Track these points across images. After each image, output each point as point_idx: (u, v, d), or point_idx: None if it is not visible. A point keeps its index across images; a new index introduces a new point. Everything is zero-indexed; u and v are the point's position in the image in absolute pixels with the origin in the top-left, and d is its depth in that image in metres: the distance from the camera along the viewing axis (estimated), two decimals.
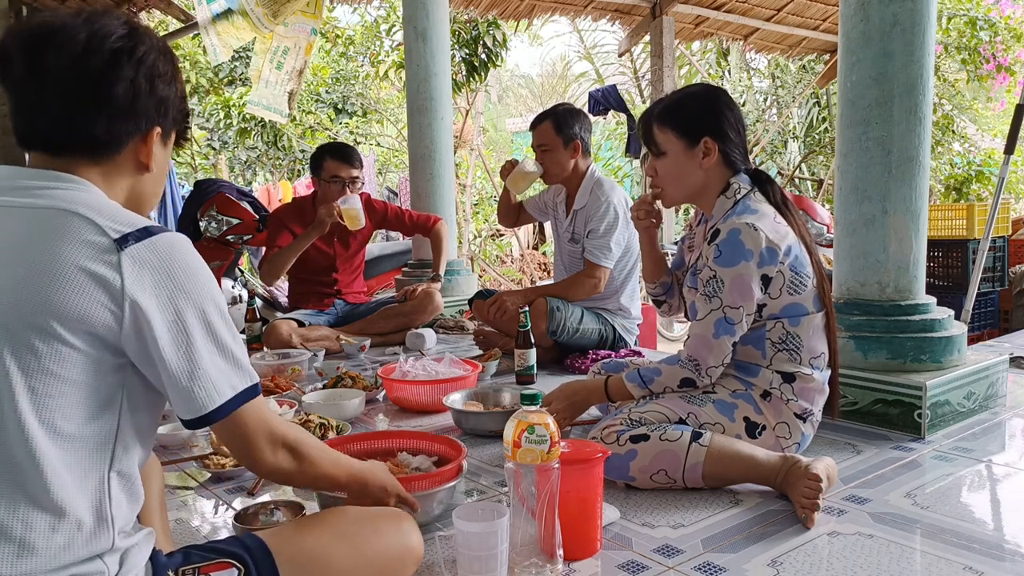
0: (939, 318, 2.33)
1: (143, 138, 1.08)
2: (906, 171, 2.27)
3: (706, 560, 1.46)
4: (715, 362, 1.83)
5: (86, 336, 0.93)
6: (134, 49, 1.04)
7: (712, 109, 1.93)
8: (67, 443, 0.92)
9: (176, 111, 1.13)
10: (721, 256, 1.81)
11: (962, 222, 4.73)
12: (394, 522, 1.23)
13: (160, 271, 0.96)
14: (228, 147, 11.08)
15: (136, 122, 1.06)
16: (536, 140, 3.20)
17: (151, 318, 0.94)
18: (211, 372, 0.99)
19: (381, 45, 10.18)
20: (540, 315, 3.03)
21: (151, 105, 1.07)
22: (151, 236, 0.96)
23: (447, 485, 1.62)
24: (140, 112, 1.06)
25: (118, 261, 0.93)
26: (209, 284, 1.01)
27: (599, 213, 3.09)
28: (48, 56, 1.00)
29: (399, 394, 2.60)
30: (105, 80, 1.02)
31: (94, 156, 1.04)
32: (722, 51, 10.83)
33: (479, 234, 10.31)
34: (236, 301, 4.45)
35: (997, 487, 1.85)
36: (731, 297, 1.80)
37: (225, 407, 1.01)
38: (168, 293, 0.96)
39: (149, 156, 1.09)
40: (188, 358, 0.97)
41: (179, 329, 0.96)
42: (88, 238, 0.94)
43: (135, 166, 1.09)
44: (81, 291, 0.91)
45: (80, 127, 1.02)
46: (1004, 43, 8.13)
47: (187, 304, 0.97)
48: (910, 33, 2.24)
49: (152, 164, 1.10)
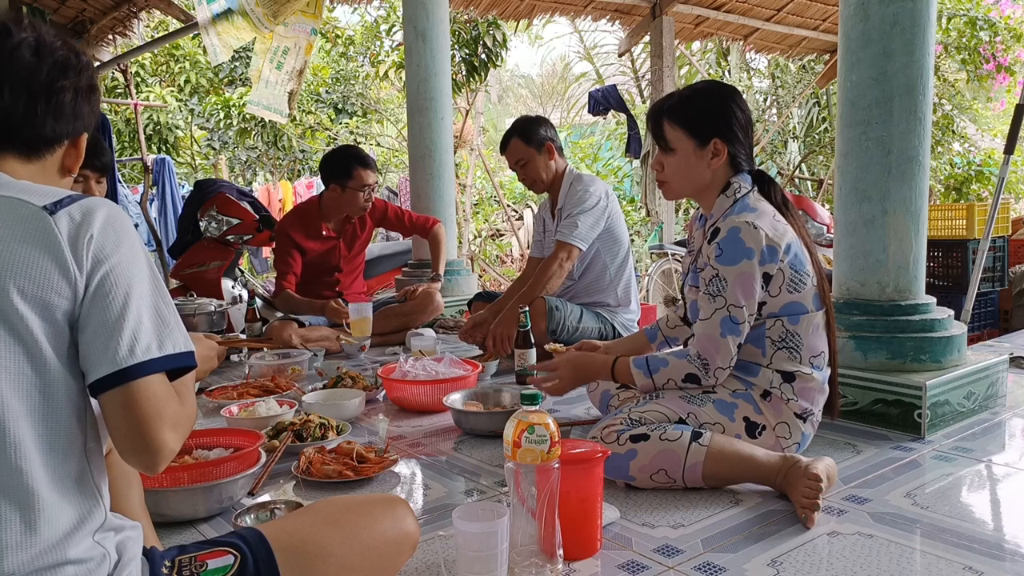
0: (939, 318, 2.33)
1: (74, 142, 1.11)
2: (906, 171, 2.27)
3: (706, 560, 1.46)
4: (723, 363, 1.83)
5: (42, 310, 0.91)
6: (78, 60, 1.09)
7: (723, 110, 1.93)
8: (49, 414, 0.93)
9: (92, 116, 1.15)
10: (723, 255, 1.81)
11: (962, 222, 4.72)
12: (389, 508, 1.23)
13: (95, 227, 0.95)
14: (228, 147, 11.09)
15: (73, 125, 1.09)
16: (511, 159, 3.27)
17: (93, 270, 0.94)
18: (144, 323, 0.95)
19: (381, 45, 10.18)
20: (540, 315, 3.03)
21: (86, 112, 1.11)
22: (77, 201, 0.98)
23: (250, 471, 1.74)
24: (79, 117, 1.10)
25: (54, 224, 0.93)
26: (140, 246, 1.00)
27: (576, 199, 3.14)
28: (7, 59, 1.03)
29: (399, 394, 2.60)
30: (55, 83, 1.05)
31: (27, 154, 1.06)
32: (722, 51, 10.83)
33: (479, 234, 10.32)
34: (236, 301, 4.45)
35: (997, 487, 1.85)
36: (734, 295, 1.80)
37: (154, 363, 0.95)
38: (105, 247, 0.95)
39: (76, 161, 1.13)
40: (124, 303, 0.94)
41: (116, 279, 0.95)
42: (20, 213, 0.94)
43: (60, 169, 1.12)
44: (30, 259, 0.92)
45: (23, 123, 1.05)
46: (1004, 43, 8.13)
47: (125, 258, 0.96)
48: (910, 33, 2.24)
49: (75, 168, 1.13)
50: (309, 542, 1.11)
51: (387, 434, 2.09)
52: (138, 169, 9.42)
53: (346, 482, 1.87)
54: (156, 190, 8.10)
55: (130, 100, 7.58)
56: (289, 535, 1.10)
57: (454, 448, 2.20)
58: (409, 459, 2.11)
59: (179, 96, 10.73)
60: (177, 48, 10.83)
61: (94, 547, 0.93)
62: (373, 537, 1.18)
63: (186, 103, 10.86)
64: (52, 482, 0.91)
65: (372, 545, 1.17)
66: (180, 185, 8.79)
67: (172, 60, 10.97)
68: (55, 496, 0.91)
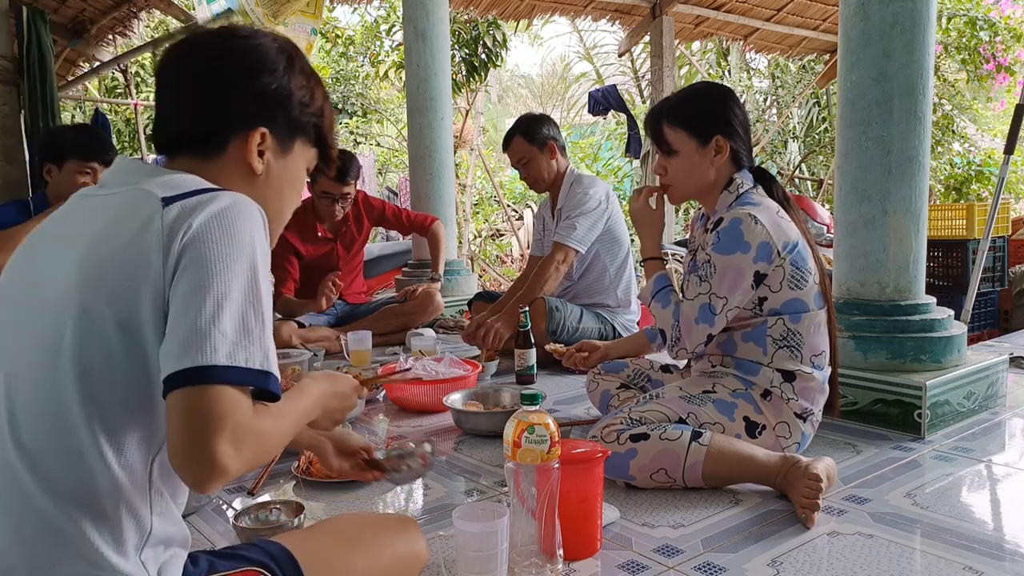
0: (939, 318, 2.33)
1: (245, 138, 1.07)
2: (906, 171, 2.27)
3: (706, 560, 1.46)
4: (689, 346, 1.86)
5: (128, 304, 0.89)
6: (231, 46, 1.08)
7: (722, 107, 1.93)
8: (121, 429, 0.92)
9: (294, 116, 1.12)
10: (719, 243, 1.81)
11: (962, 222, 4.72)
12: (403, 530, 1.24)
13: (200, 218, 0.91)
14: None
15: (230, 119, 1.07)
16: (513, 157, 3.27)
17: (179, 262, 0.89)
18: (220, 325, 0.87)
19: (381, 45, 10.18)
20: (540, 315, 3.03)
21: (246, 102, 1.07)
22: (200, 194, 0.94)
23: None
24: (232, 109, 1.07)
25: (161, 215, 0.91)
26: (251, 249, 0.93)
27: (576, 200, 3.14)
28: (168, 63, 1.09)
29: (399, 394, 2.60)
30: (200, 77, 1.06)
31: (200, 155, 1.07)
32: (722, 51, 10.83)
33: (479, 234, 10.32)
34: None
35: (997, 487, 1.85)
36: (718, 285, 1.80)
37: (223, 371, 0.86)
38: (199, 238, 0.90)
39: (252, 157, 1.08)
40: (202, 299, 0.87)
41: (200, 273, 0.89)
42: (141, 203, 0.94)
43: (242, 169, 1.08)
44: (136, 242, 0.91)
45: (175, 124, 1.07)
46: (1004, 43, 8.13)
47: (220, 254, 0.90)
48: (910, 33, 2.24)
49: (257, 166, 1.09)
50: (333, 562, 1.11)
51: (387, 434, 2.09)
52: None
53: (346, 482, 1.87)
54: None
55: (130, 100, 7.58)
56: (314, 555, 1.09)
57: (454, 448, 2.20)
58: None
59: None
60: None
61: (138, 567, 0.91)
62: (392, 558, 1.18)
63: None
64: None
65: (389, 565, 1.18)
66: None
67: None
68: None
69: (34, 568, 0.87)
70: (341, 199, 3.59)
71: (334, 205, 3.59)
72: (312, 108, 1.14)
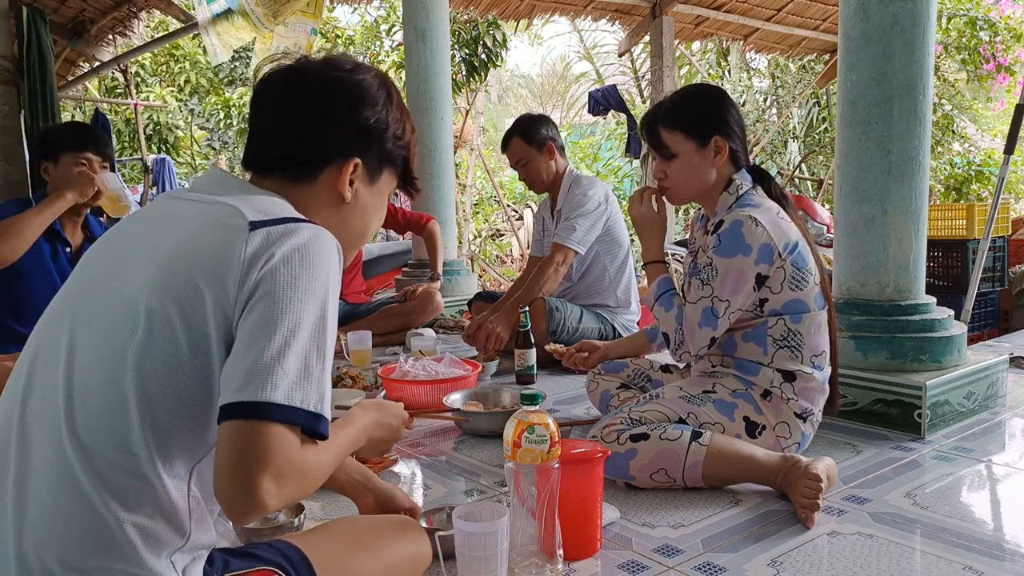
0: (939, 318, 2.33)
1: (339, 167, 1.11)
2: (906, 171, 2.27)
3: (706, 560, 1.46)
4: (693, 349, 1.85)
5: (190, 317, 0.91)
6: (336, 78, 1.11)
7: (718, 107, 1.93)
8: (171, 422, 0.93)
9: (387, 148, 1.15)
10: (720, 246, 1.81)
11: (962, 222, 4.72)
12: (407, 531, 1.25)
13: (282, 249, 0.93)
14: (228, 147, 11.09)
15: (326, 149, 1.10)
16: (512, 158, 3.28)
17: (255, 291, 0.91)
18: (283, 363, 0.88)
19: (381, 45, 10.17)
20: (540, 315, 3.03)
21: (345, 133, 1.11)
22: (286, 223, 0.96)
23: None
24: (331, 139, 1.10)
25: (247, 239, 0.93)
26: (327, 287, 0.95)
27: (575, 202, 3.14)
28: (272, 86, 1.13)
29: (399, 394, 2.59)
30: (296, 103, 1.09)
31: (291, 179, 1.09)
32: (722, 51, 10.83)
33: (479, 234, 10.32)
34: None
35: (997, 487, 1.85)
36: (721, 288, 1.80)
37: (279, 409, 0.87)
38: (279, 271, 0.91)
39: (344, 186, 1.11)
40: (269, 334, 0.89)
41: (273, 306, 0.90)
42: (228, 221, 0.96)
43: (332, 196, 1.11)
44: (217, 258, 0.93)
45: (271, 147, 1.10)
46: (1004, 43, 8.13)
47: (296, 289, 0.92)
48: (910, 33, 2.24)
49: (347, 195, 1.12)
50: (344, 563, 1.12)
51: None
52: (138, 169, 9.42)
53: None
54: (156, 190, 8.10)
55: (130, 100, 7.59)
56: (325, 556, 1.10)
57: (454, 448, 2.20)
58: (409, 459, 2.11)
59: (179, 96, 10.74)
60: (177, 48, 10.83)
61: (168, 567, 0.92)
62: (398, 559, 1.20)
63: (186, 103, 10.86)
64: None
65: (394, 566, 1.19)
66: (180, 185, 8.80)
67: (172, 60, 10.97)
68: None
69: (65, 559, 0.87)
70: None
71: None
72: (403, 141, 1.19)
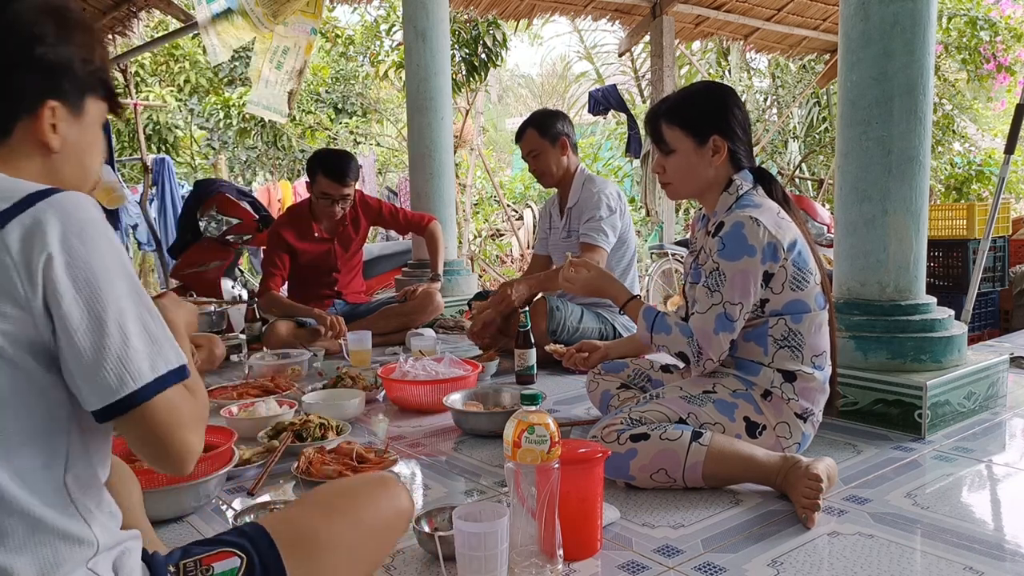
0: (939, 318, 2.33)
1: (33, 116, 0.96)
2: (906, 171, 2.27)
3: (706, 560, 1.46)
4: (714, 356, 1.84)
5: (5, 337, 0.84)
6: None
7: (720, 107, 1.93)
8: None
9: (80, 77, 1.00)
10: (725, 249, 1.81)
11: (962, 222, 4.72)
12: (384, 487, 1.21)
13: (52, 242, 0.84)
14: (228, 147, 11.09)
15: (9, 102, 0.95)
16: (525, 148, 3.29)
17: (55, 288, 0.84)
18: (131, 345, 0.87)
19: (381, 45, 10.18)
20: (540, 315, 3.04)
21: (24, 79, 0.95)
22: (30, 205, 0.84)
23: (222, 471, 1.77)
24: (10, 90, 0.94)
25: (5, 243, 0.83)
26: (113, 250, 0.89)
27: (592, 202, 3.15)
28: None
29: (399, 394, 2.59)
30: None
31: None
32: (722, 51, 10.82)
33: (479, 234, 10.32)
34: (236, 301, 4.45)
35: (997, 487, 1.85)
36: (731, 292, 1.80)
37: (154, 384, 0.88)
38: (68, 267, 0.84)
39: (46, 134, 0.97)
40: (100, 328, 0.85)
41: (86, 303, 0.85)
42: None
43: (36, 147, 0.98)
44: None
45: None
46: (1004, 43, 8.13)
47: (96, 274, 0.86)
48: (910, 33, 2.23)
49: (54, 143, 0.98)
50: (312, 531, 1.08)
51: (387, 434, 2.10)
52: (138, 169, 9.41)
53: None
54: (156, 190, 8.09)
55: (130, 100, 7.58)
56: (291, 527, 1.07)
57: (454, 448, 2.19)
58: (409, 459, 2.11)
59: (179, 96, 10.73)
60: (177, 48, 10.83)
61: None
62: (374, 519, 1.16)
63: (186, 103, 10.86)
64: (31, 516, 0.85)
65: (373, 527, 1.15)
66: (180, 185, 8.78)
67: (172, 60, 10.97)
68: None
69: None
70: (340, 200, 3.58)
71: (333, 206, 3.58)
72: (94, 63, 1.02)
